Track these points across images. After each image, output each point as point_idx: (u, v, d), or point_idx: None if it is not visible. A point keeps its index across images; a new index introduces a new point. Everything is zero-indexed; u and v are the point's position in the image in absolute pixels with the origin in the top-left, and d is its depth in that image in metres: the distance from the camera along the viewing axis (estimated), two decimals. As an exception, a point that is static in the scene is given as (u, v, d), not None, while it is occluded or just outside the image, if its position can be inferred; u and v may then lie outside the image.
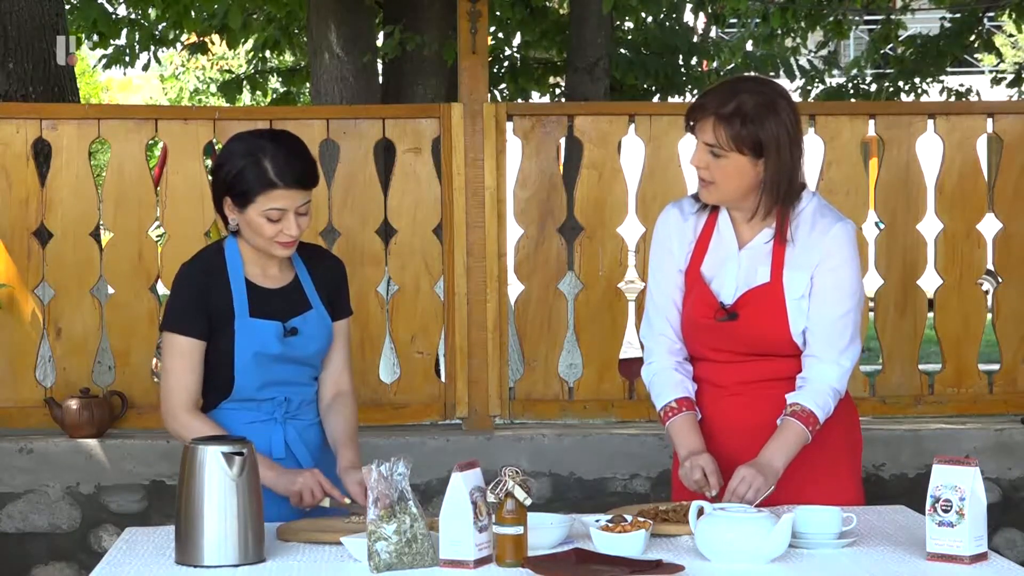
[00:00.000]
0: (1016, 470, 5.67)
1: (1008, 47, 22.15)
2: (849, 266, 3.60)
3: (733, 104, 3.51)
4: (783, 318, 3.58)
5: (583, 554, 3.06)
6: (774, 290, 3.58)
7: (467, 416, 5.73)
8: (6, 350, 5.65)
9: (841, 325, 3.60)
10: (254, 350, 3.60)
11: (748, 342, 3.62)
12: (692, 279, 3.67)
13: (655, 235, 3.78)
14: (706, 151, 3.55)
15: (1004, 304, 5.91)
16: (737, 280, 3.62)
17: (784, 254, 3.59)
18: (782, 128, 3.53)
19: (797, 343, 3.61)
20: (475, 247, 5.70)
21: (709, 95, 3.60)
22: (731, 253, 3.64)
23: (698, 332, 3.68)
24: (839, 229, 3.60)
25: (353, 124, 5.81)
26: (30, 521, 5.46)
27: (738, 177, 3.55)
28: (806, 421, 3.55)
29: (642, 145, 5.84)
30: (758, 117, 3.51)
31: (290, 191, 3.54)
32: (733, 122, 3.50)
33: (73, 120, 5.72)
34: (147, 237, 5.74)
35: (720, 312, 3.60)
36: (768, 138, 3.51)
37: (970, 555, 3.02)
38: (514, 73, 12.35)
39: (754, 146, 3.51)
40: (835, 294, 3.59)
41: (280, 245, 3.59)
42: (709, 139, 3.54)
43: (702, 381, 3.72)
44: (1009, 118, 5.96)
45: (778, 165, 3.53)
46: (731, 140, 3.51)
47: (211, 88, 26.00)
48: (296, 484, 3.54)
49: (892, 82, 12.92)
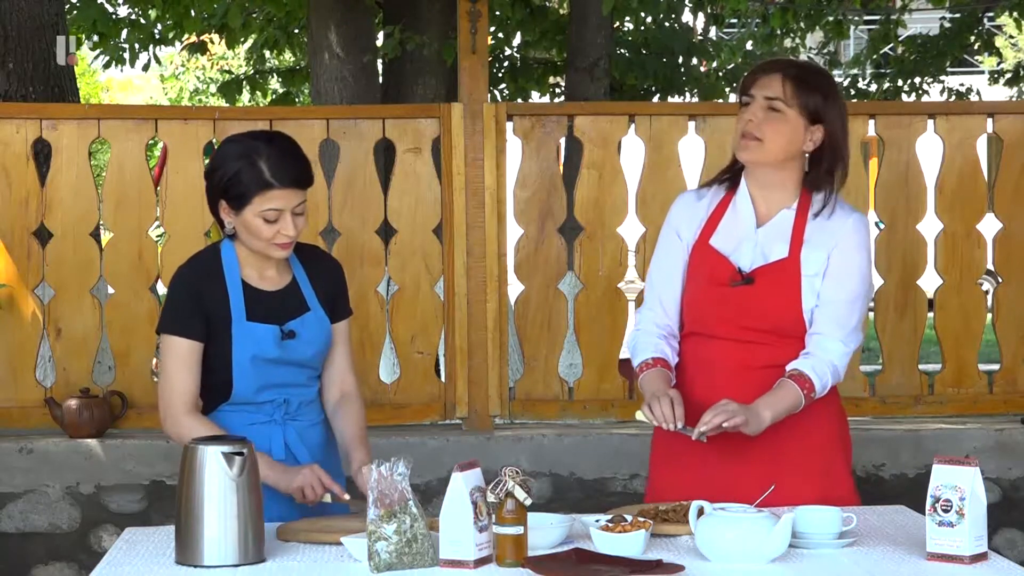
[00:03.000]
0: (1016, 470, 5.67)
1: (1008, 48, 22.15)
2: (863, 253, 3.65)
3: (798, 70, 3.62)
4: (796, 293, 3.59)
5: (583, 554, 3.06)
6: (791, 265, 3.60)
7: (467, 416, 5.73)
8: (6, 350, 5.65)
9: (850, 308, 3.62)
10: (252, 354, 3.59)
11: (758, 314, 3.61)
12: (702, 252, 3.68)
13: (668, 216, 3.81)
14: (764, 106, 3.60)
15: (1004, 304, 5.91)
16: (753, 255, 3.63)
17: (804, 231, 3.61)
18: (841, 110, 3.65)
19: (805, 323, 3.61)
20: (475, 247, 5.70)
21: (774, 60, 3.74)
22: (748, 230, 3.66)
23: (708, 302, 3.66)
24: (858, 219, 3.66)
25: (353, 124, 5.81)
26: (30, 521, 5.46)
27: (787, 137, 3.59)
28: (803, 386, 3.56)
29: (642, 145, 5.84)
30: (823, 89, 3.62)
31: (286, 191, 3.53)
32: (801, 82, 3.59)
33: (73, 120, 5.72)
34: (147, 237, 5.74)
35: (736, 276, 3.60)
36: (830, 112, 3.60)
37: (970, 555, 3.02)
38: (514, 73, 12.34)
39: (813, 111, 3.59)
40: (848, 277, 3.62)
41: (278, 247, 3.57)
42: (774, 92, 3.60)
43: (699, 363, 3.70)
44: (1009, 118, 5.97)
45: (829, 138, 3.61)
46: (796, 95, 3.58)
47: (211, 88, 26.00)
48: (296, 480, 3.53)
49: (892, 81, 12.93)
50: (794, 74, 3.59)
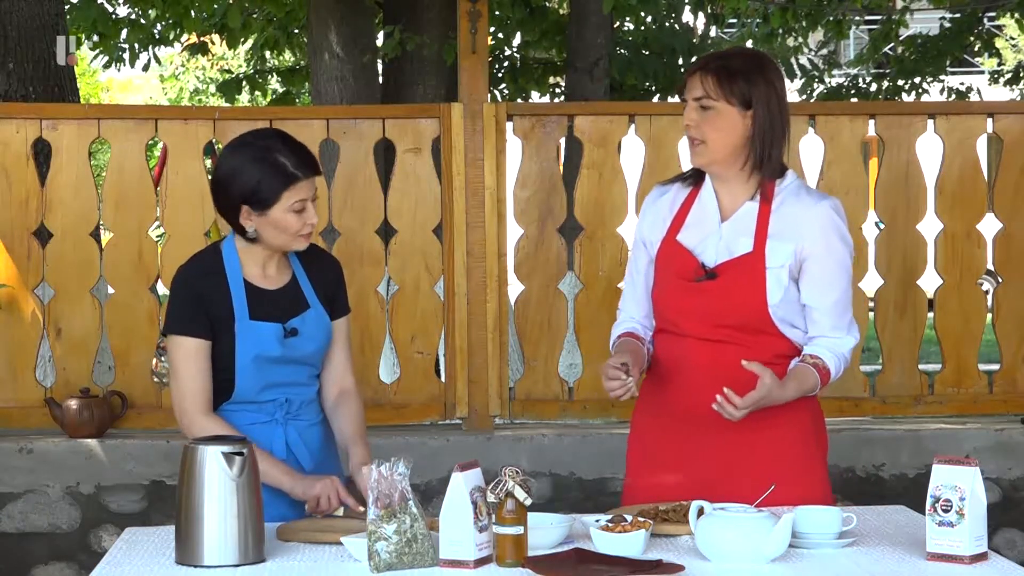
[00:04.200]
0: (1016, 470, 5.67)
1: (1008, 49, 22.15)
2: (838, 250, 3.61)
3: (721, 61, 3.60)
4: (761, 287, 3.56)
5: (583, 554, 3.06)
6: (756, 259, 3.57)
7: (467, 416, 5.73)
8: (6, 350, 5.65)
9: (842, 306, 3.63)
10: (255, 353, 3.59)
11: (722, 310, 3.58)
12: (669, 249, 3.67)
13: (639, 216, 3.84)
14: (696, 107, 3.59)
15: (1004, 304, 5.91)
16: (718, 250, 3.61)
17: (768, 224, 3.59)
18: (770, 86, 3.58)
19: (772, 317, 3.58)
20: (475, 247, 5.70)
21: (698, 59, 3.72)
22: (713, 225, 3.64)
23: (674, 296, 3.65)
24: (825, 208, 3.60)
25: (353, 124, 5.81)
26: (30, 521, 5.46)
27: (727, 131, 3.57)
28: (820, 374, 3.57)
29: (642, 145, 5.84)
30: (746, 72, 3.57)
31: (308, 181, 3.59)
32: (721, 73, 3.57)
33: (73, 120, 5.72)
34: (147, 237, 5.74)
35: (700, 271, 3.60)
36: (756, 92, 3.56)
37: (970, 555, 3.02)
38: (514, 73, 12.35)
39: (743, 97, 3.56)
40: (833, 278, 3.60)
41: (303, 237, 3.61)
42: (698, 92, 3.58)
43: (670, 360, 3.68)
44: (1009, 118, 5.97)
45: (766, 120, 3.56)
46: (719, 88, 3.55)
47: (211, 88, 26.00)
48: (315, 489, 3.54)
49: (892, 81, 12.93)
50: (714, 67, 3.57)
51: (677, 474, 3.63)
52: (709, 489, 3.48)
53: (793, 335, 3.62)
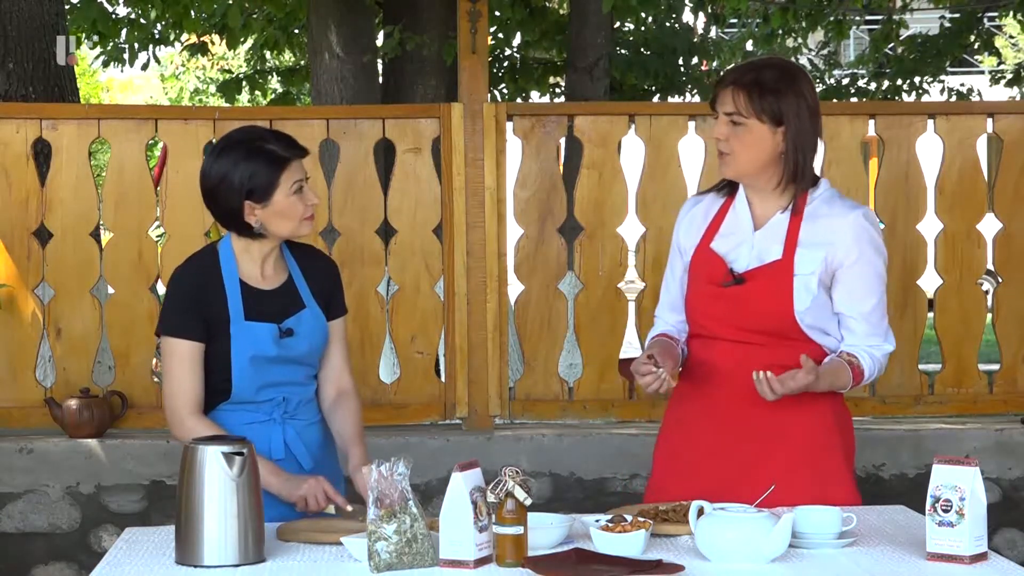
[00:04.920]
0: (1016, 470, 5.67)
1: (1008, 49, 22.15)
2: (872, 259, 3.66)
3: (753, 75, 3.60)
4: (788, 293, 3.60)
5: (583, 554, 3.06)
6: (784, 266, 3.61)
7: (467, 416, 5.73)
8: (6, 350, 5.65)
9: (878, 314, 3.68)
10: (251, 353, 3.60)
11: (750, 315, 3.62)
12: (702, 256, 3.72)
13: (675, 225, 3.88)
14: (726, 121, 3.61)
15: (1004, 304, 5.91)
16: (750, 257, 3.65)
17: (799, 232, 3.62)
18: (802, 100, 3.60)
19: (800, 323, 3.61)
20: (475, 247, 5.70)
21: (731, 70, 3.71)
22: (746, 233, 3.68)
23: (704, 300, 3.70)
24: (857, 216, 3.66)
25: (353, 124, 5.80)
26: (30, 521, 5.46)
27: (757, 147, 3.59)
28: (854, 372, 3.61)
29: (642, 145, 5.83)
30: (777, 87, 3.58)
31: (298, 161, 3.63)
32: (752, 89, 3.58)
33: (73, 120, 5.72)
34: (147, 237, 5.74)
35: (728, 277, 3.62)
36: (788, 108, 3.58)
37: (970, 555, 3.02)
38: (514, 73, 12.35)
39: (773, 115, 3.57)
40: (865, 288, 3.66)
41: (308, 220, 3.64)
42: (729, 107, 3.60)
43: (701, 364, 3.72)
44: (1009, 118, 5.96)
45: (797, 136, 3.59)
46: (750, 105, 3.57)
47: (211, 88, 25.99)
48: (301, 490, 3.55)
49: (892, 81, 12.93)
50: (746, 82, 3.58)
51: (701, 475, 3.66)
52: (731, 491, 3.50)
53: (826, 342, 3.67)
